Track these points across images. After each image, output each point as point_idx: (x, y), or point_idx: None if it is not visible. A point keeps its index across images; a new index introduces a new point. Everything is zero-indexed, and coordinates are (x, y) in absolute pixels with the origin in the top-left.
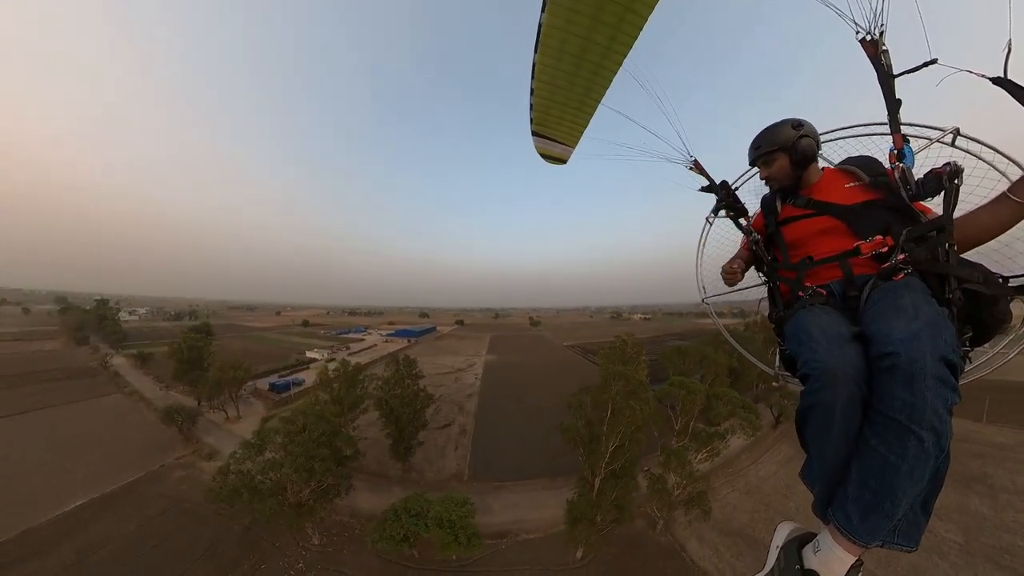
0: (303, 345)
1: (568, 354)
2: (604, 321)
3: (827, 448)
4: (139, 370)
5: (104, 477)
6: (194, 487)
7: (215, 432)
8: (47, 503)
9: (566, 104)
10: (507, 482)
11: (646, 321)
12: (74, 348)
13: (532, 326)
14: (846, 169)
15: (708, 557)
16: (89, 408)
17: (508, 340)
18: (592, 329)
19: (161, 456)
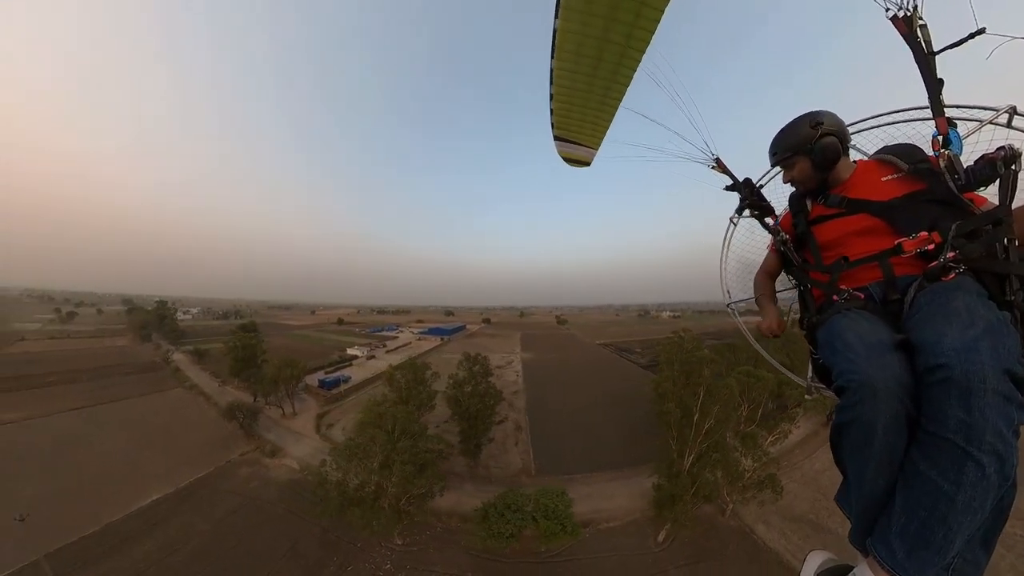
0: (342, 343)
1: (602, 352)
2: (631, 319)
3: (866, 470)
4: (197, 366)
5: (176, 471)
6: (263, 484)
7: (274, 429)
8: (127, 496)
9: (586, 107)
10: (575, 475)
11: (675, 319)
12: (139, 344)
13: (559, 324)
14: (883, 160)
15: (776, 539)
16: (156, 401)
17: (539, 338)
18: (621, 328)
19: (226, 452)
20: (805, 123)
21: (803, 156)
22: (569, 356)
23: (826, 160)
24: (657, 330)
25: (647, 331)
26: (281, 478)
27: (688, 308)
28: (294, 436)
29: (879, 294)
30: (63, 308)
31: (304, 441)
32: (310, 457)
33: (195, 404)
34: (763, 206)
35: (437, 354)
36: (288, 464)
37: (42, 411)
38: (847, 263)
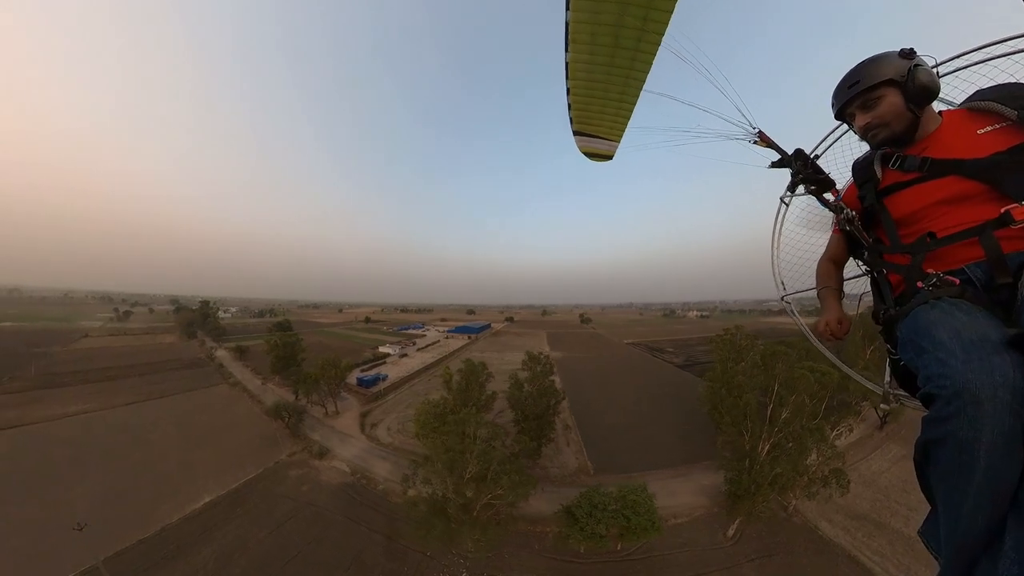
0: (373, 341)
1: (633, 352)
2: (656, 319)
3: (964, 501)
4: (239, 362)
5: (226, 471)
6: (315, 488)
7: (319, 428)
8: (179, 497)
9: (606, 98)
10: (632, 474)
11: (704, 319)
12: (186, 341)
13: (583, 323)
14: (977, 108)
15: (841, 536)
16: (203, 398)
17: (566, 337)
18: (647, 327)
19: (274, 452)
20: (891, 54)
21: (893, 88)
22: (600, 355)
23: (924, 93)
24: (685, 330)
25: (675, 331)
26: (333, 482)
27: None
28: (340, 436)
29: (981, 278)
30: (120, 308)
31: (350, 442)
32: (359, 459)
33: (240, 402)
34: (821, 179)
35: (467, 352)
36: (338, 467)
37: (101, 405)
38: (934, 240)
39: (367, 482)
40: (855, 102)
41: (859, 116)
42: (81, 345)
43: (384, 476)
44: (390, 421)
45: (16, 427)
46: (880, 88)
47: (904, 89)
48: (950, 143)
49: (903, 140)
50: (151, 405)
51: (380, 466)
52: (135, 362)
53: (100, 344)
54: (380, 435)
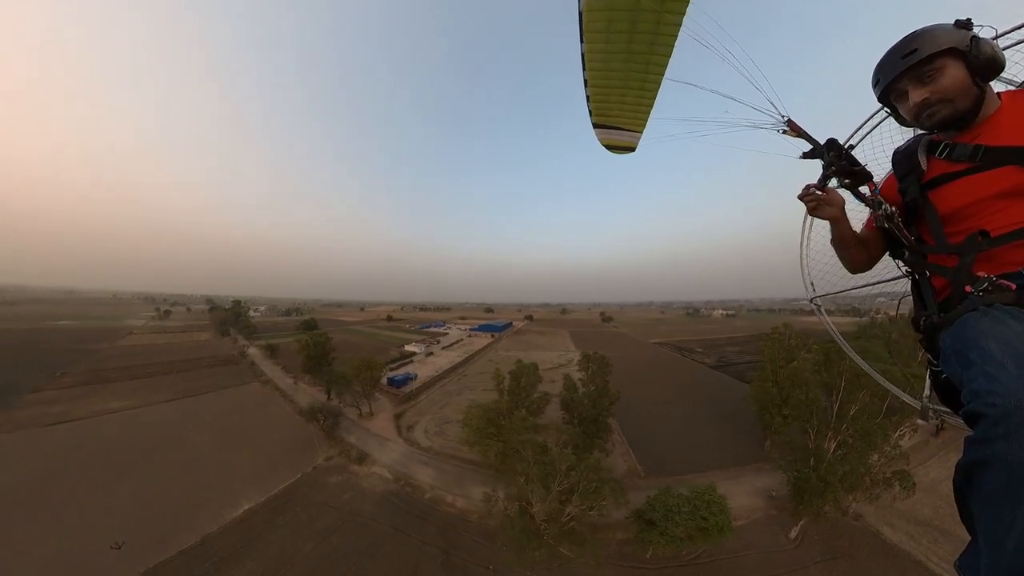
0: (398, 339)
1: (661, 352)
2: (679, 318)
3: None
4: (269, 360)
5: (263, 476)
6: (358, 497)
7: (355, 430)
8: (218, 503)
9: (626, 87)
10: (683, 476)
11: (730, 318)
12: (219, 338)
13: (604, 322)
14: None
15: (905, 542)
16: (236, 396)
17: (589, 336)
18: (671, 326)
19: (311, 455)
20: (947, 25)
21: (956, 59)
22: (628, 355)
23: (990, 66)
24: (712, 330)
25: (701, 331)
26: (376, 489)
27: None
28: (377, 440)
29: None
30: (161, 307)
31: (388, 446)
32: (400, 464)
33: (273, 401)
34: (856, 171)
35: (493, 351)
36: (379, 473)
37: (142, 401)
38: (987, 240)
39: (412, 490)
40: (909, 75)
41: (914, 91)
42: (126, 342)
43: (429, 483)
44: (426, 423)
45: (62, 423)
46: (941, 58)
47: (968, 60)
48: (1010, 128)
49: (963, 122)
50: (188, 403)
51: (423, 472)
52: (173, 359)
53: (143, 341)
54: (418, 438)
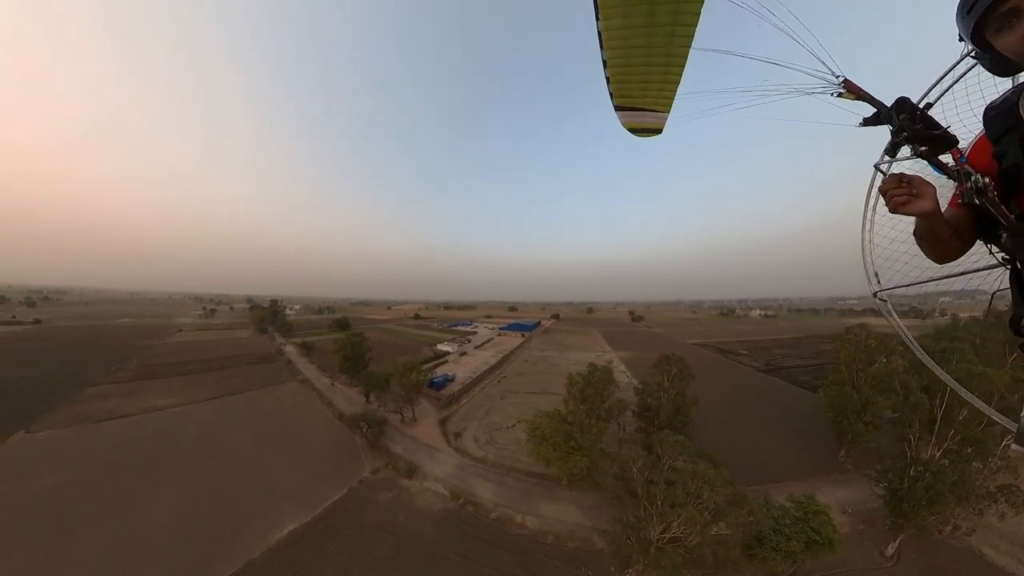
0: (429, 338)
1: (702, 354)
2: (712, 318)
3: None
4: (305, 358)
5: (307, 489)
6: (414, 518)
7: (399, 439)
8: (261, 520)
9: (648, 64)
10: (756, 486)
11: (768, 319)
12: (258, 336)
13: (634, 321)
14: None
15: (1012, 565)
16: (274, 396)
17: (622, 336)
18: (706, 327)
19: (355, 467)
20: None
21: None
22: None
23: None
24: (751, 331)
25: (740, 332)
26: (433, 508)
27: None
28: (425, 450)
29: None
30: (208, 307)
31: (439, 457)
32: (455, 478)
33: (311, 402)
34: (935, 136)
35: (526, 351)
36: (434, 488)
37: (185, 399)
38: None
39: (475, 509)
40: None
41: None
42: (176, 339)
43: (492, 500)
44: (474, 430)
45: (113, 419)
46: None
47: None
48: None
49: None
50: (228, 402)
51: (483, 487)
52: (216, 355)
53: (191, 338)
54: (468, 447)
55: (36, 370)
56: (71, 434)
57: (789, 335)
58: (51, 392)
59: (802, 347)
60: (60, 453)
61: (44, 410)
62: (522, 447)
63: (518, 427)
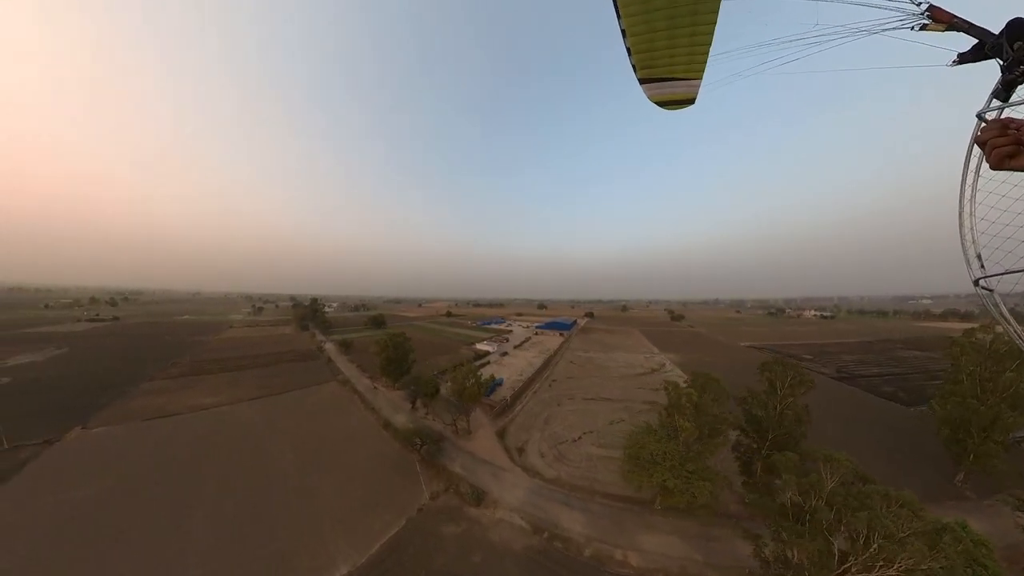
0: (466, 336)
1: (758, 357)
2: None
3: None
4: (344, 356)
5: (357, 517)
6: (494, 558)
7: (456, 455)
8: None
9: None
10: None
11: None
12: (299, 332)
13: (674, 320)
14: None
15: None
16: (315, 398)
17: (665, 336)
18: (755, 328)
19: (410, 490)
20: None
21: None
22: (723, 360)
23: None
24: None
25: (796, 334)
26: (513, 545)
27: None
28: (488, 469)
29: None
30: (256, 305)
31: (505, 477)
32: (532, 505)
33: (353, 407)
34: None
35: (571, 351)
36: (508, 519)
37: (229, 398)
38: None
39: (564, 545)
40: None
41: None
42: (227, 335)
43: (582, 532)
44: (537, 443)
45: (161, 417)
46: None
47: None
48: None
49: None
50: (269, 403)
51: (566, 516)
52: (260, 352)
53: (240, 334)
54: (536, 464)
55: (107, 363)
56: (120, 433)
57: (855, 338)
58: (114, 384)
59: (874, 352)
60: (105, 455)
61: (105, 404)
62: (596, 464)
63: (585, 440)
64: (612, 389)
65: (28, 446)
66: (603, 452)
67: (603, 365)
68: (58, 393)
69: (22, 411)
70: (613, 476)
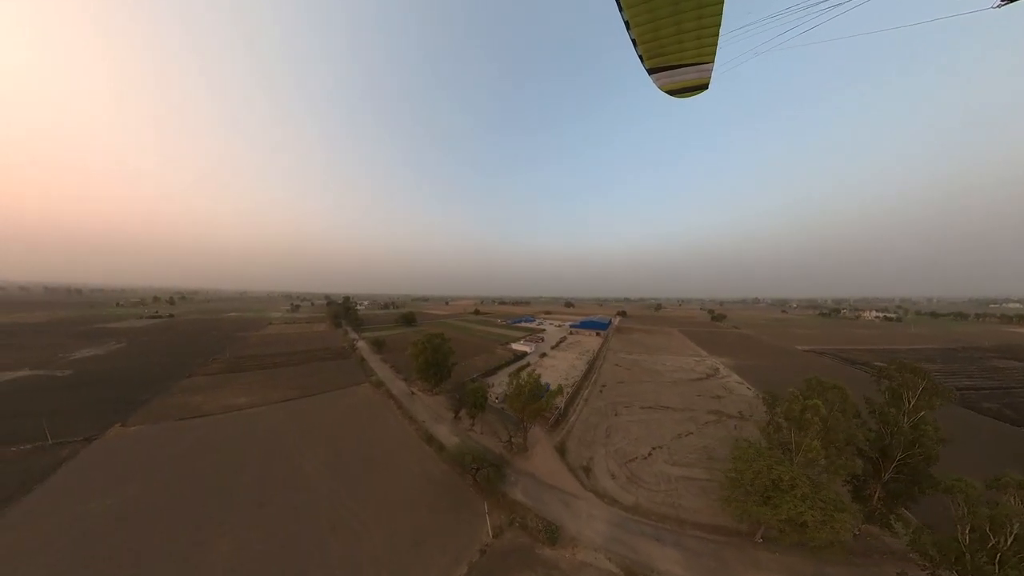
0: (499, 336)
1: (823, 363)
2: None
3: None
4: (377, 355)
5: (404, 561)
6: None
7: (516, 477)
8: None
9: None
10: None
11: (891, 323)
12: (333, 329)
13: (715, 321)
14: None
15: None
16: (348, 402)
17: (710, 338)
18: (808, 329)
19: (467, 524)
20: None
21: None
22: (781, 365)
23: None
24: (875, 337)
25: (856, 337)
26: None
27: (901, 307)
28: (556, 495)
29: None
30: (294, 303)
31: (578, 506)
32: (617, 542)
33: (390, 414)
34: None
35: (613, 353)
36: (595, 563)
37: (261, 399)
38: None
39: None
40: None
41: None
42: (266, 331)
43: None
44: (603, 460)
45: (195, 417)
46: None
47: None
48: None
49: None
50: (301, 405)
51: (659, 554)
52: (295, 349)
53: (278, 331)
54: (608, 487)
55: (157, 357)
56: (154, 433)
57: (934, 344)
58: (158, 379)
59: (961, 361)
60: (135, 458)
61: (147, 400)
62: (676, 486)
63: (656, 456)
64: (669, 396)
65: (69, 443)
66: (679, 471)
67: (652, 369)
68: (108, 387)
69: (75, 404)
70: (698, 501)
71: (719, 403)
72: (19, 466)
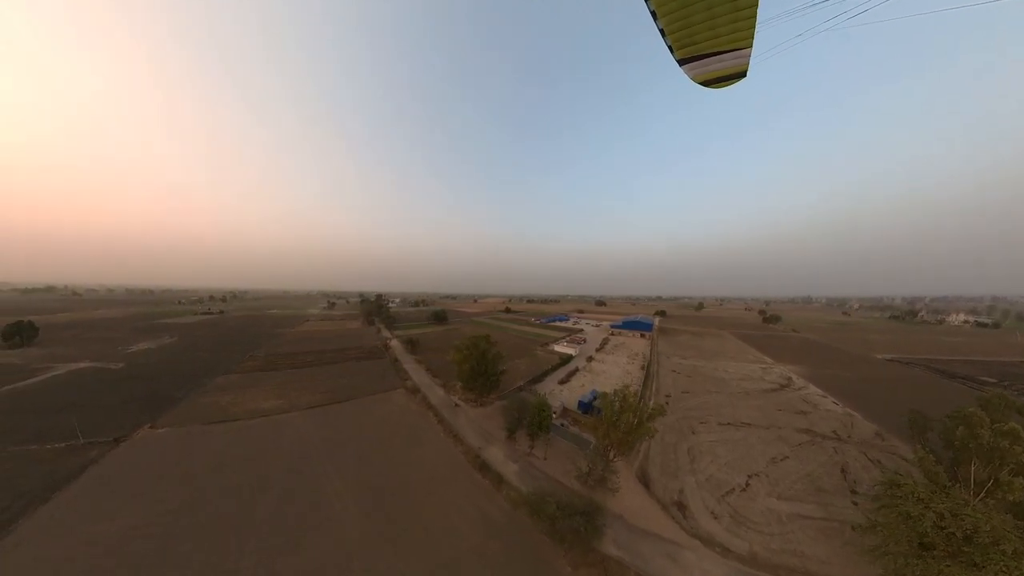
0: (535, 335)
1: (914, 375)
2: (877, 321)
3: None
4: (411, 355)
5: None
6: None
7: (607, 523)
8: None
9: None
10: None
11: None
12: (367, 327)
13: (767, 322)
14: None
15: None
16: (381, 410)
17: (768, 342)
18: (882, 335)
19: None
20: None
21: None
22: (868, 376)
23: None
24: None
25: (945, 345)
26: None
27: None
28: (658, 545)
29: None
30: (330, 300)
31: (686, 559)
32: None
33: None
34: None
35: (667, 358)
36: None
37: (289, 404)
38: None
39: None
40: None
41: None
42: (302, 328)
43: None
44: (698, 493)
45: (222, 422)
46: None
47: None
48: None
49: None
50: (331, 413)
51: None
52: (328, 347)
53: (314, 328)
54: (712, 530)
55: (201, 352)
56: (178, 439)
57: None
58: (196, 374)
59: None
60: (154, 469)
61: (180, 398)
62: (791, 527)
63: (756, 487)
64: (746, 410)
65: (98, 444)
66: (788, 507)
67: (715, 377)
68: (151, 383)
69: (116, 400)
70: (822, 547)
71: (806, 420)
72: (46, 468)
